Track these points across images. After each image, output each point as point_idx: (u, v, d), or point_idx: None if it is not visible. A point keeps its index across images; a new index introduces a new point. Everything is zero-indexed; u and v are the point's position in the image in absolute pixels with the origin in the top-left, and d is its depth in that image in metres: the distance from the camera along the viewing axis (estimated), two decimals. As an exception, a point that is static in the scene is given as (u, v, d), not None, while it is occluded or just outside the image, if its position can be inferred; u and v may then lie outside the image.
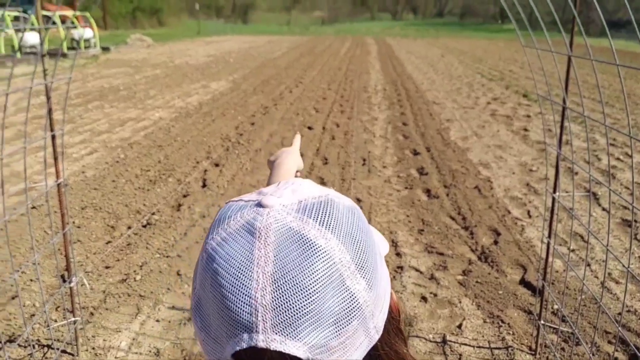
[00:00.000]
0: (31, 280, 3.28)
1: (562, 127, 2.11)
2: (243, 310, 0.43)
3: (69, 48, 16.65)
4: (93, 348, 2.71)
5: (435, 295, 3.22)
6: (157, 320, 2.93)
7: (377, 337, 0.49)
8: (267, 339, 0.43)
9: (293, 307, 0.43)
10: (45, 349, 2.68)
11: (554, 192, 2.24)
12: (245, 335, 0.43)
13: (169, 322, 2.93)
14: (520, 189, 5.13)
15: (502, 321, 2.96)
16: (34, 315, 2.94)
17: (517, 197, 4.88)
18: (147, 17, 38.98)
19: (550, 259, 2.55)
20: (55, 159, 2.13)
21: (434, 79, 13.43)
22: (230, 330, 0.44)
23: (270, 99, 9.93)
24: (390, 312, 0.53)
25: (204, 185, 5.08)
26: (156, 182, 5.16)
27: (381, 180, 5.36)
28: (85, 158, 5.95)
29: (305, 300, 0.43)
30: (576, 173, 5.53)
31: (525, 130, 7.63)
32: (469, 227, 4.16)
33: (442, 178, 5.35)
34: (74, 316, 2.62)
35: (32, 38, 14.93)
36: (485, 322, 2.97)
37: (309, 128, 7.55)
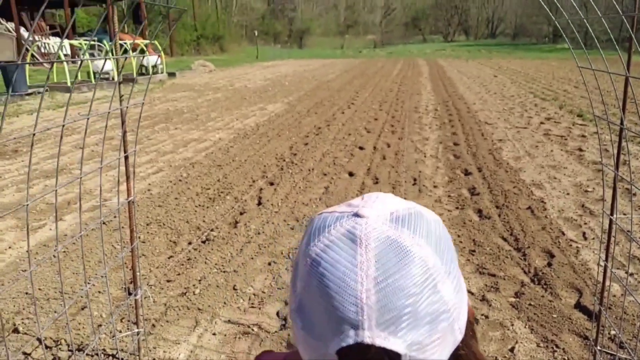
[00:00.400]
0: (99, 292, 3.50)
1: (619, 147, 2.11)
2: (350, 310, 0.49)
3: (139, 74, 17.50)
4: (154, 359, 2.84)
5: (487, 317, 3.21)
6: (214, 334, 3.05)
7: (460, 337, 0.54)
8: (373, 335, 0.48)
9: (395, 308, 0.49)
10: (110, 358, 2.83)
11: (611, 214, 2.20)
12: (352, 332, 0.48)
13: (225, 335, 3.04)
14: (575, 210, 5.03)
15: (557, 346, 2.90)
16: (100, 325, 3.14)
17: (572, 219, 4.78)
18: (210, 44, 40.66)
19: (607, 283, 2.50)
20: (127, 178, 2.31)
21: (486, 99, 13.29)
22: (336, 328, 0.49)
23: (323, 120, 10.12)
24: (467, 315, 0.57)
25: (259, 203, 5.25)
26: (215, 200, 5.38)
27: (432, 200, 5.38)
28: (151, 177, 6.28)
29: (405, 301, 0.49)
30: (634, 194, 5.38)
31: (580, 150, 7.46)
32: (521, 249, 4.11)
33: (494, 198, 5.31)
34: (137, 327, 2.75)
35: (106, 65, 15.80)
36: (538, 346, 2.92)
37: (360, 148, 7.65)
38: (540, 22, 64.56)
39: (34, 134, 1.35)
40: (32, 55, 19.05)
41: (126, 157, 2.30)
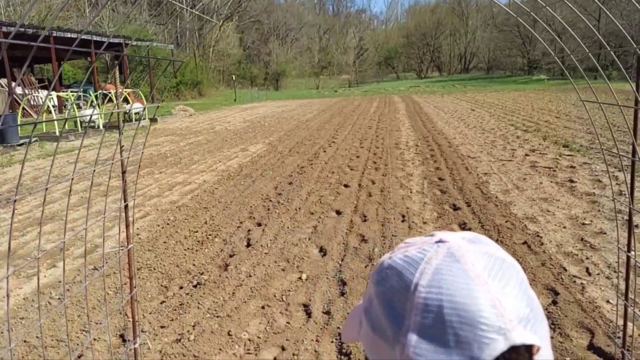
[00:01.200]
0: (94, 339, 3.36)
1: (632, 180, 2.08)
2: (491, 318, 0.51)
3: (122, 121, 17.65)
4: (153, 409, 2.73)
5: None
6: (212, 382, 2.95)
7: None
8: (521, 335, 0.51)
9: (523, 307, 0.53)
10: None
11: (628, 250, 2.14)
12: (501, 338, 0.50)
13: (224, 383, 2.94)
14: (575, 244, 4.93)
15: (574, 392, 2.77)
16: (95, 376, 3.00)
17: (573, 253, 4.67)
18: (189, 90, 41.31)
19: (629, 325, 2.38)
20: (127, 226, 2.25)
21: (466, 133, 13.48)
22: (482, 341, 0.50)
23: (305, 159, 10.13)
24: None
25: (248, 245, 5.16)
26: (204, 242, 5.28)
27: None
28: (139, 221, 6.16)
29: (525, 300, 0.53)
30: (636, 226, 5.33)
31: (572, 181, 7.48)
32: (522, 286, 4.03)
33: (487, 234, 5.28)
34: (135, 377, 2.66)
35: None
36: (554, 392, 2.82)
37: (345, 186, 7.64)
38: (514, 54, 66.52)
39: (46, 189, 1.30)
40: (23, 108, 19.29)
41: (126, 206, 2.24)
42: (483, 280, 0.52)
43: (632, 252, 2.19)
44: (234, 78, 44.61)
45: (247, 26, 69.81)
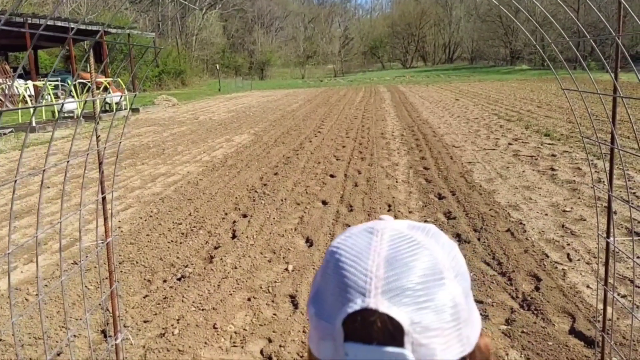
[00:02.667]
0: (75, 336, 3.30)
1: (611, 167, 2.07)
2: (359, 279, 0.51)
3: (102, 111, 17.39)
4: (137, 405, 2.69)
5: (479, 345, 3.13)
6: (197, 376, 2.92)
7: (468, 349, 0.53)
8: (377, 302, 0.49)
9: (401, 282, 0.50)
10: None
11: (608, 236, 2.13)
12: (359, 299, 0.50)
13: (209, 377, 2.91)
14: (556, 231, 5.01)
15: (556, 374, 2.81)
16: (77, 372, 2.95)
17: (554, 240, 4.75)
18: (172, 79, 40.77)
19: (609, 309, 2.41)
20: (105, 219, 2.19)
21: (450, 123, 13.52)
22: (345, 298, 0.51)
23: (291, 149, 10.07)
24: (479, 347, 0.56)
25: (233, 237, 5.11)
26: (188, 234, 5.22)
27: (410, 225, 5.33)
28: (120, 214, 6.06)
29: (412, 279, 0.51)
30: (614, 212, 5.41)
31: (553, 169, 7.57)
32: (506, 273, 4.05)
33: (472, 222, 5.31)
34: (118, 373, 2.61)
35: (69, 104, 15.68)
36: (537, 376, 2.84)
37: (331, 176, 7.61)
38: (496, 45, 66.84)
39: (15, 181, 1.24)
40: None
41: (104, 198, 2.17)
42: (377, 250, 0.53)
43: (611, 238, 2.19)
44: (217, 67, 44.19)
45: (231, 14, 69.16)
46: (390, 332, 0.49)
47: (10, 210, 1.25)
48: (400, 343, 0.49)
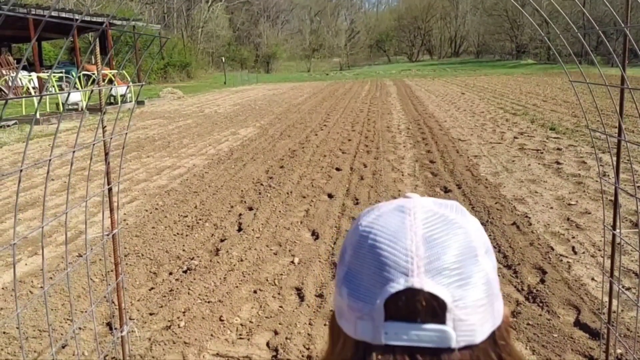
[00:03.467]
0: (80, 328, 3.32)
1: (618, 160, 2.05)
2: (400, 259, 0.51)
3: (107, 103, 17.44)
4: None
5: (484, 337, 3.11)
6: (203, 368, 2.92)
7: (498, 322, 0.54)
8: (422, 281, 0.50)
9: (442, 261, 0.51)
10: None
11: (614, 228, 2.11)
12: (402, 279, 0.50)
13: (215, 369, 2.92)
14: (561, 224, 5.00)
15: (561, 366, 2.80)
16: (84, 364, 2.96)
17: (559, 233, 4.74)
18: (177, 72, 40.72)
19: (613, 301, 2.40)
20: (111, 210, 2.19)
21: (456, 116, 13.47)
22: (386, 278, 0.51)
23: (297, 143, 10.06)
24: (504, 319, 0.58)
25: (239, 229, 5.12)
26: (194, 227, 5.22)
27: (415, 219, 5.32)
28: (126, 206, 6.07)
29: (451, 258, 0.51)
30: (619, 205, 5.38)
31: (558, 163, 7.54)
32: (511, 266, 4.04)
33: (477, 215, 5.28)
34: (124, 364, 2.62)
35: (73, 96, 15.67)
36: (542, 367, 2.82)
37: (337, 169, 7.60)
38: (502, 39, 66.50)
39: (20, 171, 1.24)
40: (0, 90, 18.84)
41: (109, 190, 2.17)
42: (413, 229, 0.52)
43: (618, 230, 2.18)
44: (223, 60, 44.14)
45: (237, 7, 69.04)
46: (433, 309, 0.50)
47: (16, 201, 1.25)
48: (442, 320, 0.50)
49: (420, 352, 0.50)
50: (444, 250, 0.51)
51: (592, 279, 3.80)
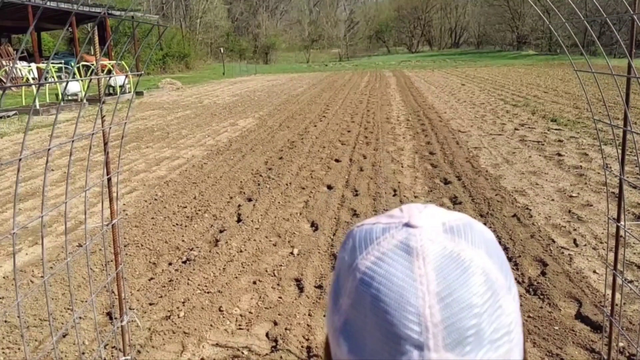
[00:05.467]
0: (80, 318, 3.31)
1: (623, 150, 2.04)
2: (412, 329, 0.43)
3: (106, 94, 17.41)
4: (142, 387, 2.70)
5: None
6: (202, 359, 2.91)
7: None
8: (441, 357, 0.42)
9: (462, 326, 0.43)
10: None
11: (618, 220, 2.08)
12: (416, 353, 0.42)
13: None
14: (562, 216, 4.98)
15: (563, 360, 2.79)
16: (84, 353, 2.95)
17: (561, 225, 4.72)
18: (176, 63, 40.63)
19: (616, 293, 2.38)
20: (111, 200, 2.17)
21: (456, 108, 13.43)
22: (395, 349, 0.43)
23: (296, 134, 10.03)
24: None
25: (239, 220, 5.11)
26: (193, 218, 5.21)
27: (415, 210, 5.31)
28: (125, 197, 6.06)
29: (472, 319, 0.43)
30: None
31: (559, 155, 7.52)
32: (512, 258, 4.02)
33: (478, 207, 5.28)
34: (124, 355, 2.61)
35: (73, 87, 15.62)
36: (543, 360, 2.82)
37: (336, 160, 7.58)
38: (503, 29, 66.30)
39: (20, 159, 1.22)
40: (0, 80, 18.78)
41: (109, 179, 2.16)
42: (424, 282, 0.44)
43: (622, 223, 2.16)
44: (222, 51, 43.95)
45: (235, -2, 68.70)
46: None
47: (15, 190, 1.24)
48: None
49: None
50: (464, 309, 0.44)
51: (594, 271, 3.79)
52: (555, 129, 9.66)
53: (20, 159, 1.31)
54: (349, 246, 0.51)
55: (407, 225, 0.49)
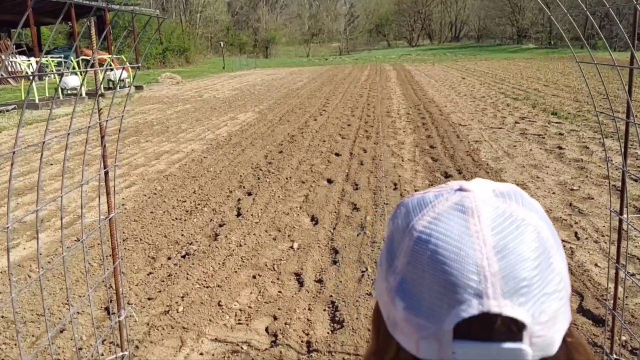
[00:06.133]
0: (78, 313, 3.29)
1: (626, 142, 2.01)
2: (471, 279, 0.45)
3: (105, 88, 17.39)
4: (141, 382, 2.68)
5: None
6: (201, 354, 2.88)
7: (570, 319, 0.50)
8: (500, 304, 0.44)
9: (518, 276, 0.45)
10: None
11: (621, 213, 2.06)
12: (475, 302, 0.45)
13: (213, 355, 2.88)
14: (564, 209, 4.96)
15: (565, 354, 2.79)
16: (81, 349, 2.93)
17: (562, 218, 4.71)
18: (176, 57, 40.56)
19: (619, 287, 2.36)
20: (108, 194, 2.14)
21: (456, 101, 13.39)
22: (454, 300, 0.45)
23: (296, 128, 9.99)
24: None
25: (238, 214, 5.08)
26: (192, 212, 5.19)
27: (416, 204, 5.29)
28: (124, 191, 6.03)
29: (527, 270, 0.46)
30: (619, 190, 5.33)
31: (560, 148, 7.49)
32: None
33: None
34: (122, 350, 2.59)
35: (72, 81, 15.58)
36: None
37: (337, 154, 7.55)
38: (503, 23, 66.13)
39: (14, 152, 1.19)
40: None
41: (106, 173, 2.13)
42: (480, 237, 0.46)
43: (625, 215, 2.13)
44: (222, 45, 43.89)
45: (235, -8, 68.46)
46: (509, 330, 0.45)
47: (9, 182, 1.21)
48: (518, 339, 0.45)
49: None
50: (519, 261, 0.46)
51: (596, 264, 3.77)
52: (556, 122, 9.63)
53: (14, 152, 1.28)
54: (402, 212, 0.54)
55: (460, 189, 0.52)
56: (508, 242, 0.46)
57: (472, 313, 0.45)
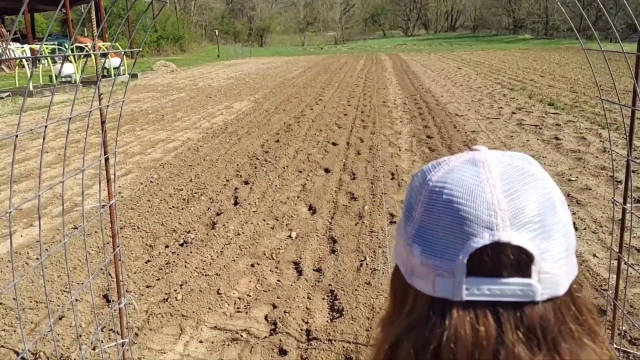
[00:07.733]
0: (77, 300, 3.28)
1: (631, 130, 2.00)
2: (483, 213, 0.49)
3: (102, 76, 17.33)
4: (140, 370, 2.67)
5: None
6: (200, 341, 2.88)
7: (575, 273, 0.53)
8: (508, 235, 0.48)
9: (525, 214, 0.49)
10: (93, 370, 2.65)
11: (624, 202, 2.05)
12: (487, 233, 0.48)
13: (213, 343, 2.88)
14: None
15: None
16: (81, 336, 2.92)
17: (560, 209, 4.73)
18: (170, 45, 40.28)
19: (619, 277, 2.37)
20: (108, 180, 2.12)
21: (453, 91, 13.38)
22: (468, 234, 0.49)
23: (292, 117, 9.96)
24: None
25: (236, 203, 5.06)
26: (189, 201, 5.17)
27: (414, 193, 5.28)
28: (120, 179, 6.00)
29: (534, 211, 0.50)
30: (620, 182, 5.29)
31: (557, 139, 7.50)
32: (511, 241, 4.02)
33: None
34: (122, 337, 2.58)
35: (67, 68, 15.45)
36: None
37: (334, 144, 7.53)
38: (499, 13, 66.02)
39: (16, 136, 1.17)
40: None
41: (106, 159, 2.10)
42: (491, 182, 0.51)
43: (628, 205, 2.13)
44: (216, 33, 43.62)
45: (230, -21, 67.94)
46: (518, 263, 0.49)
47: (12, 167, 1.19)
48: (527, 273, 0.49)
49: (502, 306, 0.49)
50: (526, 202, 0.50)
51: (594, 255, 3.78)
52: (553, 113, 9.63)
53: (16, 136, 1.26)
54: (419, 175, 0.57)
55: (472, 149, 0.57)
56: (517, 187, 0.51)
57: (483, 243, 0.48)
